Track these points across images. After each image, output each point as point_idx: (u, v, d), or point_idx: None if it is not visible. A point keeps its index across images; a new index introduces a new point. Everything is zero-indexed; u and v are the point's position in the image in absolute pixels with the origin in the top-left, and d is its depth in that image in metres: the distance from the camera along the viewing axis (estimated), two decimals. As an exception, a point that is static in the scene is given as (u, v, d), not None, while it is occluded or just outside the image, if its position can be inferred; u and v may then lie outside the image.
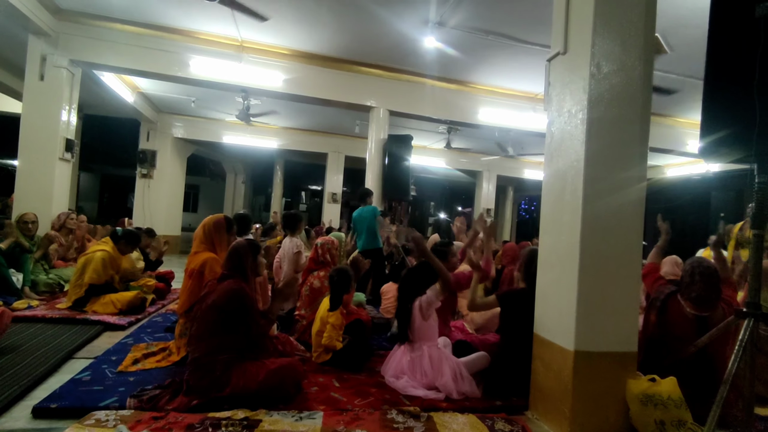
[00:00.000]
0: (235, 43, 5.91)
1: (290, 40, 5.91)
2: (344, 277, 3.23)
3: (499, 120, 7.35)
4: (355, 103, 6.74)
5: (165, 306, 4.79)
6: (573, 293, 2.22)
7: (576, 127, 2.29)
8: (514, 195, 16.10)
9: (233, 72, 6.03)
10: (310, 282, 3.70)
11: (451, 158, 12.14)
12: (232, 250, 2.64)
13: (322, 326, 3.13)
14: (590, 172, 2.21)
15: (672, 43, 4.83)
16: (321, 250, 3.81)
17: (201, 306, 2.52)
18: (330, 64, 6.40)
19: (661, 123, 7.87)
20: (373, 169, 6.74)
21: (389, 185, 6.67)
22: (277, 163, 13.97)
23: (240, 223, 4.22)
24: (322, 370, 3.00)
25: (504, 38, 5.26)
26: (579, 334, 2.20)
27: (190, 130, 10.23)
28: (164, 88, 7.85)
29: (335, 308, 3.12)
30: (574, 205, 2.26)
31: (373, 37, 5.63)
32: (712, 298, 2.53)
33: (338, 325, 3.08)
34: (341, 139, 11.21)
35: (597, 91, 2.22)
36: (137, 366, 2.91)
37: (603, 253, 2.22)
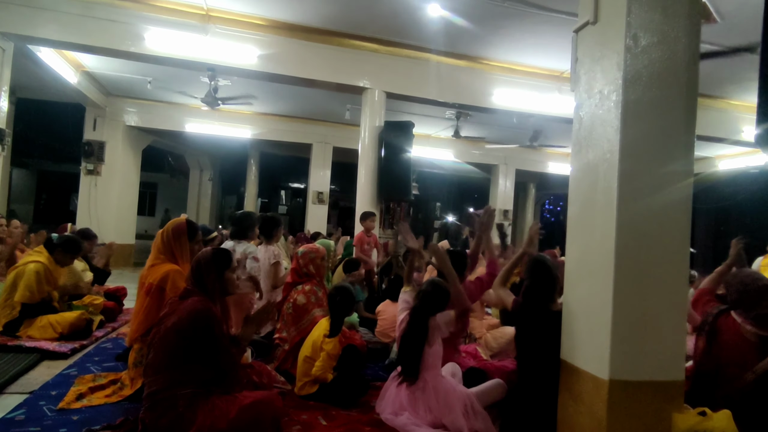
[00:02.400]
0: (200, 12, 5.92)
1: (266, 7, 5.92)
2: (347, 296, 3.24)
3: (517, 103, 7.38)
4: (346, 83, 6.76)
5: (116, 329, 4.77)
6: (607, 311, 2.22)
7: (609, 112, 2.30)
8: (536, 193, 16.17)
9: (197, 47, 6.03)
10: (293, 298, 3.70)
11: (460, 149, 12.18)
12: (195, 262, 2.64)
13: (314, 353, 3.13)
14: (626, 166, 2.22)
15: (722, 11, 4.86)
16: (302, 260, 3.81)
17: (159, 329, 2.51)
18: (315, 37, 6.41)
19: (711, 106, 7.92)
20: (367, 163, 6.75)
21: (386, 183, 6.68)
22: (252, 156, 13.98)
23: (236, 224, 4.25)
24: (306, 406, 3.00)
25: (523, 5, 5.28)
26: (615, 360, 2.20)
27: (145, 116, 10.23)
28: (114, 66, 7.83)
29: (336, 334, 3.12)
30: (608, 205, 2.26)
31: (365, 5, 5.64)
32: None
33: (334, 355, 3.09)
34: (328, 128, 11.24)
35: (634, 67, 2.23)
36: (82, 402, 2.89)
37: (642, 262, 2.22)
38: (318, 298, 3.71)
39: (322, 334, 3.12)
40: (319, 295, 3.74)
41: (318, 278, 3.84)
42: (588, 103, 2.49)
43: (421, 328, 2.88)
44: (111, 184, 9.83)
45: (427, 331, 2.87)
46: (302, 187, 18.05)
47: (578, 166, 2.56)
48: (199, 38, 5.99)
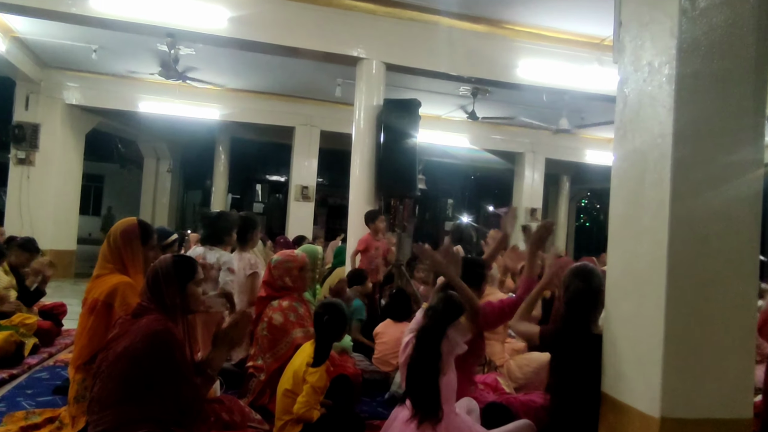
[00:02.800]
0: (158, -35, 5.93)
1: (239, -40, 5.93)
2: (337, 316, 3.20)
3: (548, 77, 7.42)
4: (336, 53, 6.78)
5: (53, 356, 4.77)
6: (658, 334, 2.22)
7: (660, 88, 2.30)
8: (570, 188, 16.18)
9: (154, 8, 6.04)
10: (267, 317, 3.69)
11: (477, 134, 12.22)
12: (151, 273, 2.64)
13: (295, 386, 3.11)
14: (682, 154, 2.22)
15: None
16: (276, 270, 3.80)
17: (107, 355, 2.51)
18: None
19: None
20: (362, 150, 6.76)
21: (386, 175, 6.68)
22: (220, 142, 14.01)
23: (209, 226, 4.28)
24: (287, 450, 3.00)
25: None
26: (667, 395, 2.21)
27: (90, 93, 10.25)
28: (52, 31, 7.83)
29: (321, 362, 3.10)
30: (659, 202, 2.27)
31: (361, -44, 5.65)
32: None
33: (320, 388, 3.07)
34: (315, 107, 11.27)
35: (691, 34, 2.23)
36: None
37: (701, 274, 2.22)
38: (298, 315, 3.70)
39: (304, 363, 3.09)
40: (299, 312, 3.72)
41: (297, 292, 3.83)
42: (634, 78, 2.49)
43: (434, 353, 2.88)
44: (47, 176, 9.84)
45: (440, 357, 2.87)
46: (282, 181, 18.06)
47: (623, 155, 2.56)
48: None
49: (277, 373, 3.43)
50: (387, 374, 4.34)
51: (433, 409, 2.79)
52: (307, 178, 11.53)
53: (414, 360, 2.94)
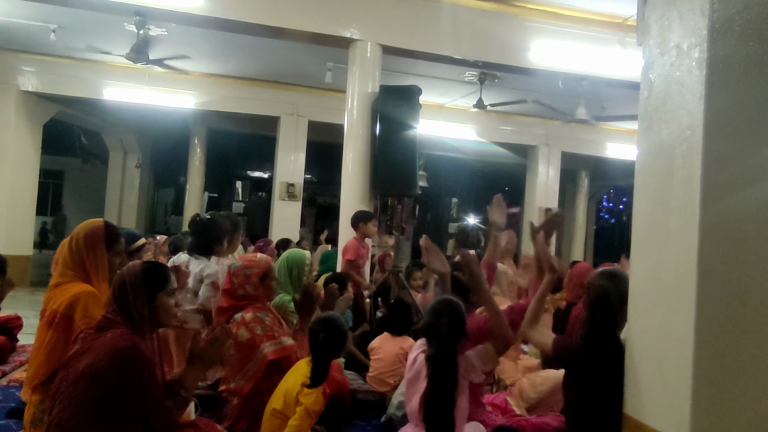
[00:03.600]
0: (124, -66, 5.94)
1: (216, -72, 5.95)
2: (334, 332, 3.20)
3: (564, 62, 7.47)
4: (326, 33, 6.81)
5: (6, 374, 4.75)
6: (688, 349, 2.23)
7: (690, 73, 2.32)
8: (590, 185, 16.24)
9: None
10: (233, 332, 3.68)
11: (485, 125, 12.27)
12: (118, 281, 2.63)
13: (285, 407, 3.12)
14: (714, 147, 2.23)
15: None
16: (236, 278, 3.76)
17: (67, 374, 2.51)
18: (283, -31, 6.45)
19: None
20: (356, 143, 6.78)
21: (383, 171, 6.69)
22: (196, 134, 14.01)
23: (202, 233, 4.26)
24: (271, 481, 3.00)
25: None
26: (697, 418, 2.22)
27: (48, 78, 10.25)
28: (4, 8, 7.83)
29: (319, 383, 3.09)
30: (689, 202, 2.28)
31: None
32: None
33: (315, 412, 3.07)
34: (302, 94, 11.29)
35: (724, 13, 2.24)
36: (-42, 477, 2.89)
37: (736, 281, 2.24)
38: (265, 327, 3.65)
39: (299, 383, 3.09)
40: (266, 323, 3.66)
41: (260, 301, 3.81)
42: (661, 62, 2.51)
43: (451, 381, 2.88)
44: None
45: (456, 384, 2.88)
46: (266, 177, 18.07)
47: (648, 149, 2.59)
48: (123, -30, 6.01)
49: (253, 394, 3.45)
50: (383, 395, 4.34)
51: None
52: (293, 174, 11.53)
53: (430, 391, 2.94)
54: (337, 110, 7.39)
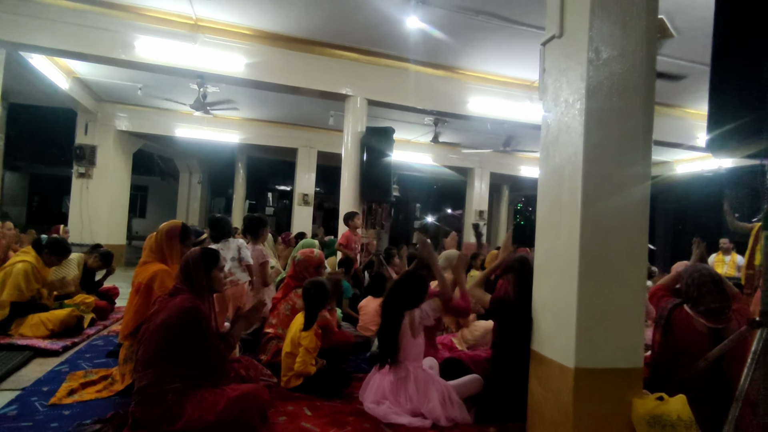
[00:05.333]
0: (189, 22, 5.85)
1: (252, 18, 5.88)
2: (321, 290, 3.22)
3: (491, 110, 7.46)
4: (329, 91, 6.75)
5: (107, 327, 4.69)
6: (572, 303, 2.26)
7: (574, 119, 2.34)
8: (509, 195, 16.33)
9: (186, 55, 5.97)
10: (292, 301, 3.68)
11: (438, 154, 12.24)
12: (183, 261, 2.61)
13: (293, 348, 3.12)
14: (590, 169, 2.26)
15: (678, 26, 4.99)
16: (299, 266, 3.80)
17: (149, 326, 2.48)
18: (299, 46, 6.39)
19: (669, 114, 8.11)
20: (350, 166, 6.75)
21: (368, 185, 6.69)
22: (239, 160, 13.86)
23: (215, 227, 4.17)
24: (291, 397, 2.99)
25: (495, 18, 5.35)
26: (580, 349, 2.25)
27: (136, 121, 10.07)
28: (105, 73, 7.70)
29: (309, 327, 3.10)
30: (573, 205, 2.31)
31: (347, 16, 5.65)
32: (724, 308, 2.62)
33: (312, 348, 3.07)
34: (313, 133, 11.20)
35: (596, 78, 2.27)
36: (73, 397, 2.84)
37: (604, 258, 2.27)
38: None
39: (298, 330, 3.10)
40: None
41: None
42: (555, 111, 2.53)
43: (395, 318, 2.90)
44: (102, 186, 9.66)
45: (401, 320, 2.89)
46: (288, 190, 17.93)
47: (546, 169, 2.60)
48: (188, 47, 5.93)
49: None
50: (368, 338, 4.34)
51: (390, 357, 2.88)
52: (307, 187, 11.47)
53: (381, 325, 2.98)
54: (337, 143, 7.34)
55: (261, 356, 3.55)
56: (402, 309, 2.91)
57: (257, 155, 13.73)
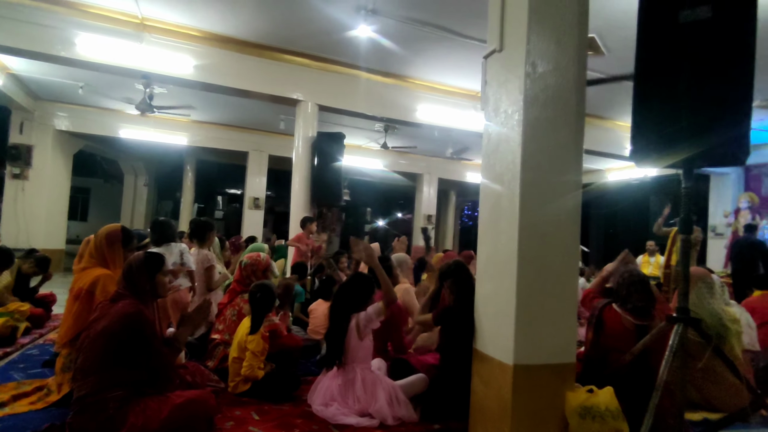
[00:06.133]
0: (135, 21, 5.61)
1: (202, 20, 5.72)
2: (267, 294, 3.16)
3: (439, 119, 7.60)
4: (280, 95, 6.67)
5: (43, 336, 4.39)
6: (512, 304, 2.33)
7: (512, 129, 2.43)
8: (456, 200, 16.67)
9: (131, 54, 5.71)
10: (239, 306, 3.58)
11: (389, 159, 12.34)
12: (127, 265, 2.51)
13: (240, 353, 3.05)
14: (527, 176, 2.35)
15: (608, 45, 5.30)
16: (245, 271, 3.69)
17: (89, 333, 2.36)
18: (250, 50, 6.28)
19: (601, 126, 8.58)
20: (300, 170, 6.68)
21: (319, 189, 6.65)
22: (188, 162, 13.41)
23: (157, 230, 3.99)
24: (239, 402, 2.92)
25: (442, 31, 5.47)
26: (518, 348, 2.32)
27: (77, 121, 9.53)
28: (43, 69, 7.22)
29: (256, 330, 3.04)
30: (512, 211, 2.38)
31: (299, 22, 5.61)
32: (649, 306, 2.81)
33: (259, 351, 3.01)
34: (264, 136, 11.02)
35: (533, 91, 2.36)
36: (4, 410, 2.65)
37: (540, 261, 2.36)
38: None
39: (244, 334, 3.04)
40: None
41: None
42: (495, 121, 2.60)
43: (342, 321, 2.90)
44: (39, 188, 9.08)
45: (348, 323, 2.89)
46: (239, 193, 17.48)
47: (487, 176, 2.66)
48: (134, 46, 5.68)
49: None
50: (318, 341, 4.30)
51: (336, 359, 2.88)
52: (258, 191, 11.26)
53: (328, 327, 2.97)
54: (288, 148, 7.23)
55: (208, 362, 3.45)
56: (349, 312, 2.91)
57: (207, 158, 13.32)
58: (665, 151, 2.15)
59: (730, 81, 1.99)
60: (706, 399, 3.04)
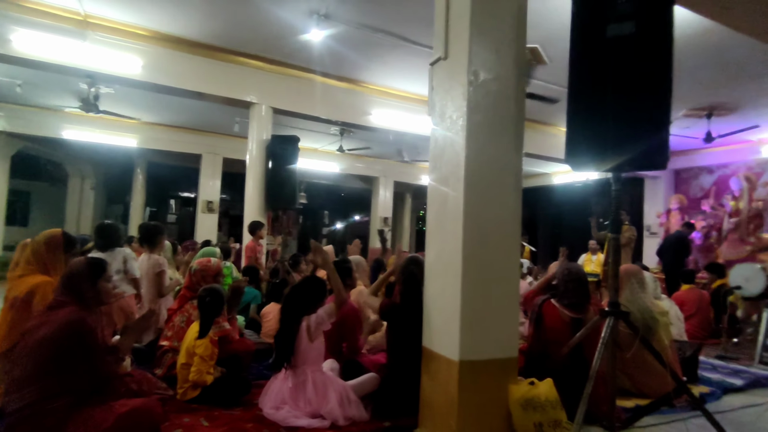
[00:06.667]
0: (77, 17, 5.35)
1: (150, 19, 5.54)
2: (216, 297, 3.10)
3: (393, 123, 7.67)
4: (233, 98, 6.54)
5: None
6: (457, 301, 2.40)
7: (457, 134, 2.50)
8: (412, 203, 16.84)
9: (74, 52, 5.43)
10: (187, 313, 3.47)
11: (345, 163, 12.32)
12: (67, 272, 2.40)
13: (188, 358, 2.97)
14: (471, 180, 2.43)
15: (550, 55, 5.51)
16: (195, 276, 3.57)
17: (27, 342, 2.24)
18: (202, 51, 6.13)
19: (546, 131, 8.92)
20: (254, 173, 6.57)
21: (273, 192, 6.56)
22: (138, 165, 12.88)
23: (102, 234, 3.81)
24: (188, 409, 2.85)
25: (394, 37, 5.54)
26: (463, 344, 2.39)
27: (15, 121, 9.00)
28: (-24, 66, 6.78)
29: (204, 335, 2.97)
30: (456, 212, 2.45)
31: (252, 25, 5.53)
32: (583, 301, 2.96)
33: (208, 356, 2.94)
34: (218, 139, 10.76)
35: (475, 98, 2.45)
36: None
37: (484, 259, 2.44)
38: None
39: (193, 339, 2.97)
40: None
41: None
42: (441, 126, 2.68)
43: (293, 323, 2.89)
44: (-27, 192, 8.47)
45: (298, 325, 2.87)
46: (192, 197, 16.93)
47: (434, 179, 2.73)
48: (77, 44, 5.41)
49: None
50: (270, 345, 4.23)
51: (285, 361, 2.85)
52: (211, 194, 10.96)
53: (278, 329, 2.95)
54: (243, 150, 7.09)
55: (156, 370, 3.33)
56: (300, 314, 2.90)
57: (159, 160, 12.84)
58: (596, 157, 2.29)
59: (651, 94, 2.14)
60: (638, 387, 3.24)
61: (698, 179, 10.22)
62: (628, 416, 2.79)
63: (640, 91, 2.14)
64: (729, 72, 5.98)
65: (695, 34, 4.90)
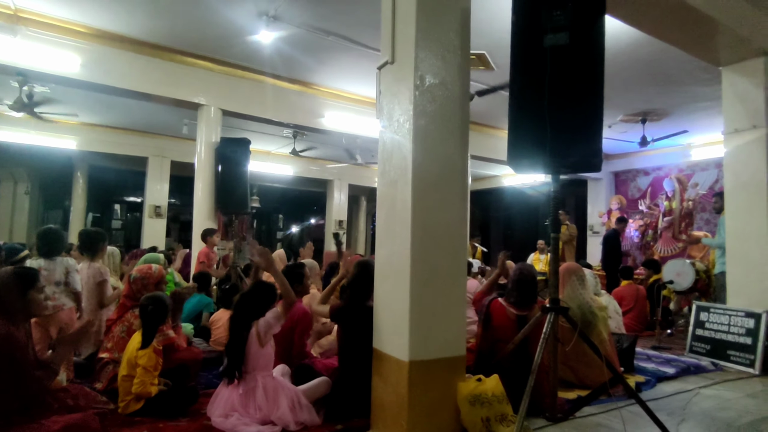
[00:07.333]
0: (7, 12, 5.02)
1: (89, 16, 5.27)
2: (159, 306, 2.97)
3: (345, 126, 7.66)
4: (180, 99, 6.33)
5: None
6: (406, 302, 2.43)
7: (404, 137, 2.53)
8: (367, 205, 16.87)
9: (3, 49, 5.09)
10: (129, 322, 3.30)
11: (299, 166, 12.18)
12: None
13: (130, 370, 2.83)
14: (418, 182, 2.46)
15: (497, 61, 5.70)
16: (135, 285, 3.40)
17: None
18: (147, 50, 5.90)
19: (495, 135, 9.18)
20: (204, 177, 6.39)
21: (224, 196, 6.40)
22: (79, 168, 12.17)
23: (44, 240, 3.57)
24: (131, 423, 2.71)
25: (344, 40, 5.54)
26: (413, 344, 2.42)
27: (-63, 122, 8.30)
28: None
29: (147, 345, 2.85)
30: (405, 215, 2.48)
31: (199, 24, 5.38)
32: (528, 299, 3.07)
33: (152, 366, 2.82)
34: (165, 141, 10.38)
35: (421, 102, 2.49)
36: None
37: (431, 261, 2.48)
38: None
39: (135, 349, 2.84)
40: None
41: None
42: (389, 129, 2.70)
43: (243, 329, 2.83)
44: None
45: (248, 331, 2.81)
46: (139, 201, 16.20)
47: (383, 182, 2.75)
48: (6, 39, 5.07)
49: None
50: (221, 353, 4.12)
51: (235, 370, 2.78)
52: (159, 199, 10.54)
53: (229, 336, 2.87)
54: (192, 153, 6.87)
55: (96, 384, 3.15)
56: (249, 319, 2.84)
57: (101, 164, 12.16)
58: (535, 160, 2.38)
59: (585, 100, 2.25)
60: (580, 379, 3.38)
61: (635, 181, 10.83)
62: (569, 407, 2.91)
63: (575, 98, 2.25)
64: (659, 80, 6.37)
65: (628, 45, 5.19)
